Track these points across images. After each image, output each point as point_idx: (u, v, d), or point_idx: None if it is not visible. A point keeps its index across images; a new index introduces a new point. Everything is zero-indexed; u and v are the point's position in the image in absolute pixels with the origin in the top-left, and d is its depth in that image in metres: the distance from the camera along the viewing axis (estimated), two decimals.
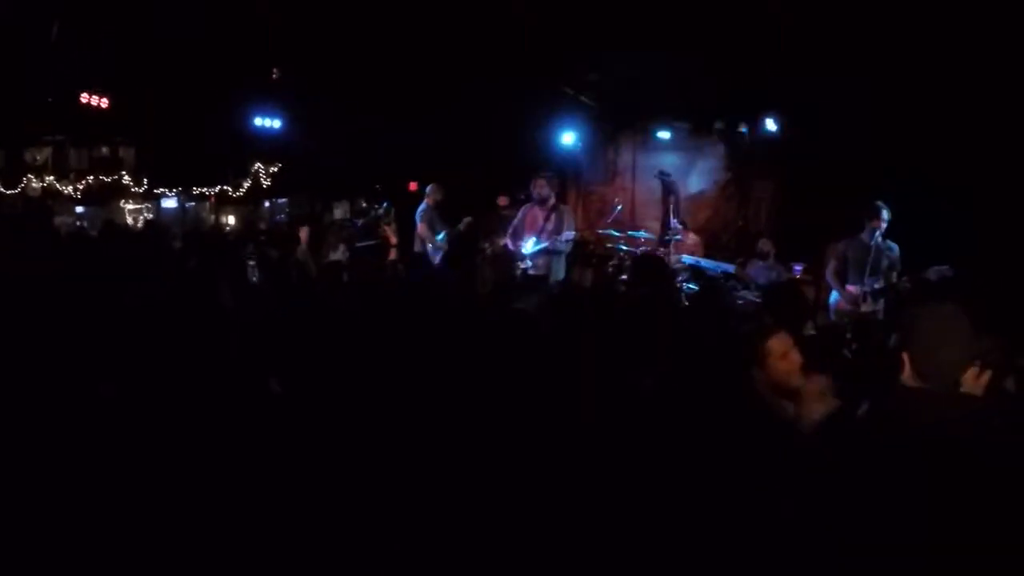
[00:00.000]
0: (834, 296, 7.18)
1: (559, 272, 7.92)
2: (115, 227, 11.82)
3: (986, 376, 2.49)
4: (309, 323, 4.28)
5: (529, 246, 7.93)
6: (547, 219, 7.92)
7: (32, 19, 9.46)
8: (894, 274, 6.88)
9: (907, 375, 2.31)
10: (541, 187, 7.98)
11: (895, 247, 6.94)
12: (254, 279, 6.76)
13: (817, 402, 3.02)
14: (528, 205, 8.20)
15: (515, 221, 8.27)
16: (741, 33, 8.56)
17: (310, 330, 4.14)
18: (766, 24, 8.32)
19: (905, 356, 2.30)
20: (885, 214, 6.80)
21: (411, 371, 3.40)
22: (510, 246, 8.15)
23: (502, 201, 10.26)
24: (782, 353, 3.16)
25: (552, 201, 8.01)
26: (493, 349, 3.56)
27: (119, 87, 11.95)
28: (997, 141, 7.60)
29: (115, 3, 9.32)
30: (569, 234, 7.88)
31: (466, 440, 2.85)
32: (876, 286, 6.85)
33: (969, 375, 2.43)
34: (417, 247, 9.69)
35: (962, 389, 2.39)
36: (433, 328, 3.90)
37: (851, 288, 6.93)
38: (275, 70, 12.26)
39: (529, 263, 7.84)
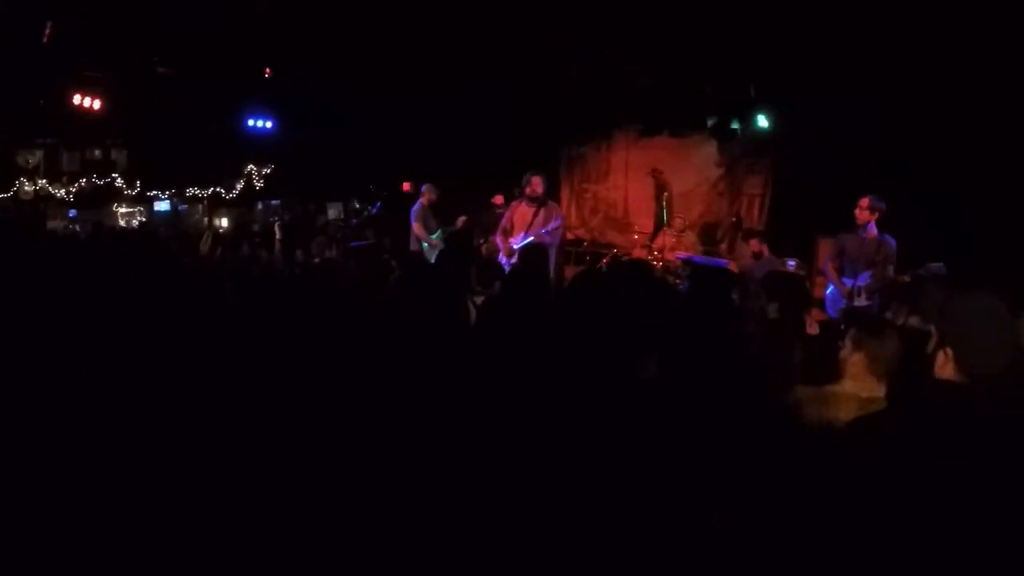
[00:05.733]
0: (830, 289, 7.15)
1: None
2: (104, 228, 11.82)
3: None
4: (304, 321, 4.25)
5: (518, 242, 7.95)
6: (536, 215, 7.93)
7: (24, 19, 9.41)
8: (890, 268, 6.76)
9: (944, 370, 2.28)
10: (537, 184, 7.96)
11: (892, 241, 6.87)
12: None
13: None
14: (516, 201, 8.21)
15: (504, 218, 8.29)
16: (732, 29, 8.57)
17: (305, 328, 4.12)
18: (757, 20, 8.33)
19: (945, 351, 2.31)
20: (879, 205, 6.76)
21: (407, 367, 3.39)
22: (500, 243, 8.16)
23: (497, 200, 10.26)
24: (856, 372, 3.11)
25: (543, 198, 8.03)
26: (490, 343, 3.55)
27: (111, 88, 11.91)
28: (992, 136, 7.58)
29: (108, 3, 9.28)
30: (553, 223, 7.89)
31: (466, 435, 2.84)
32: (870, 281, 6.80)
33: None
34: (413, 246, 9.69)
35: None
36: (427, 324, 3.89)
37: (846, 282, 6.90)
38: (267, 69, 12.22)
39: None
